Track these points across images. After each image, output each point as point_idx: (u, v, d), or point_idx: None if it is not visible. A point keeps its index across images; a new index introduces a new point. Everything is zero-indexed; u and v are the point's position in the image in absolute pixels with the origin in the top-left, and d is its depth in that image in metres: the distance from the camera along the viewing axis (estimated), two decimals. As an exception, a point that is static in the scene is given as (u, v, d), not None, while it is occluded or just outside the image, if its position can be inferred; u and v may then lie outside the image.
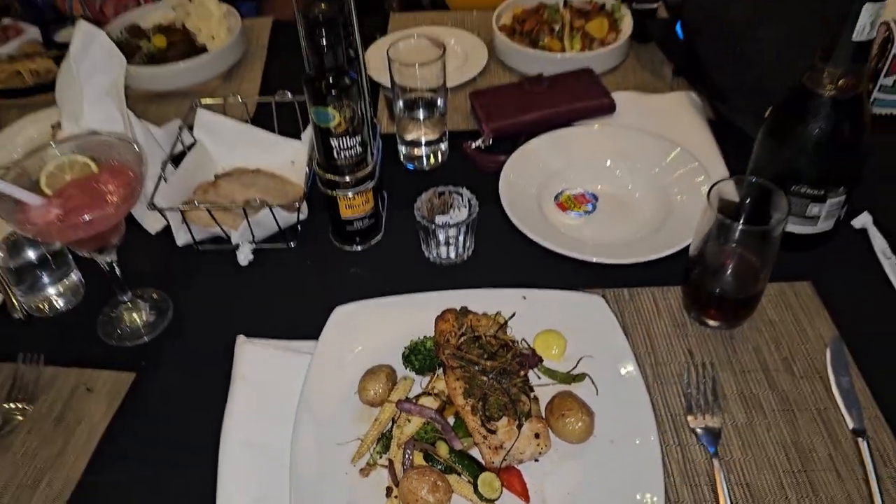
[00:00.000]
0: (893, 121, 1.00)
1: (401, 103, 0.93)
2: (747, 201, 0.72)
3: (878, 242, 0.83)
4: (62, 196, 0.68)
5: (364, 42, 1.17)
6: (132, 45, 1.12)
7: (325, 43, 0.71)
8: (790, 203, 0.69)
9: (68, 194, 0.68)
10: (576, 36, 1.12)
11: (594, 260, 0.80)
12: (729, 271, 0.72)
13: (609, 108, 1.00)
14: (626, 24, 1.13)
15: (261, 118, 1.00)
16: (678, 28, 1.09)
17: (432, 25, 1.24)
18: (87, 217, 0.67)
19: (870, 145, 0.76)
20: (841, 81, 0.71)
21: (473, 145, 0.98)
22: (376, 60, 1.11)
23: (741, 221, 0.67)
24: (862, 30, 0.68)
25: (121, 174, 0.70)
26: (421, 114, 0.93)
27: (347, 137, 0.77)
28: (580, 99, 1.00)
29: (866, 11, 0.67)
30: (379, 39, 1.20)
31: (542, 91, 1.02)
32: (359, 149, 0.78)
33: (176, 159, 0.91)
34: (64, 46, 1.17)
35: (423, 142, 0.96)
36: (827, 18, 0.71)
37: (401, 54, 0.90)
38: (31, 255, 0.79)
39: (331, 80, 0.73)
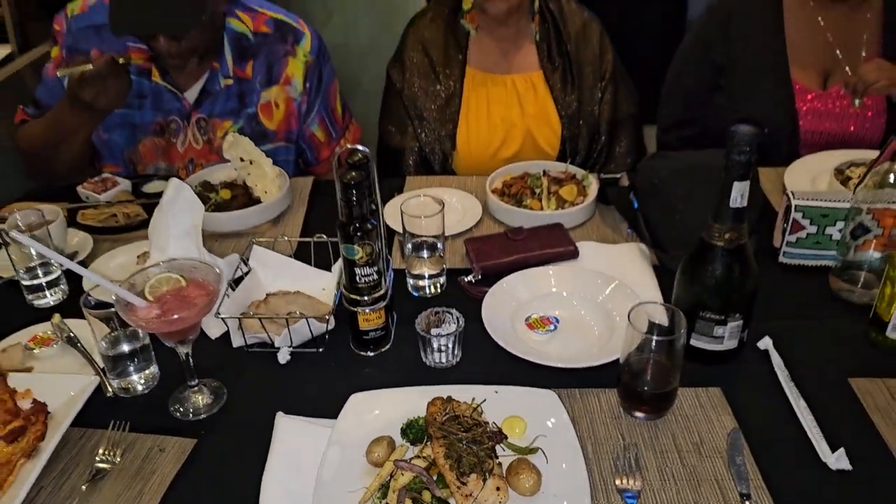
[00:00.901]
0: (799, 269, 1.26)
1: (409, 245, 1.21)
2: (661, 322, 0.96)
3: (776, 359, 1.06)
4: (160, 301, 0.95)
5: (385, 198, 1.47)
6: (204, 197, 1.42)
7: (354, 199, 1.00)
8: (686, 320, 0.93)
9: (164, 300, 0.95)
10: (552, 198, 1.42)
11: (552, 365, 1.04)
12: (649, 374, 0.95)
13: (573, 255, 1.27)
14: (592, 190, 1.43)
15: (301, 253, 1.29)
16: (633, 196, 1.39)
17: (440, 186, 1.55)
18: (176, 316, 0.93)
19: (756, 282, 1.01)
20: (727, 235, 0.98)
21: (466, 279, 1.24)
22: (394, 212, 1.40)
23: (654, 335, 0.91)
24: (735, 199, 0.95)
25: (202, 287, 0.97)
26: (425, 254, 1.21)
27: (367, 267, 1.04)
28: (551, 246, 1.27)
29: (736, 187, 0.95)
30: (397, 196, 1.50)
31: (522, 239, 1.30)
32: (375, 276, 1.05)
33: (235, 283, 1.18)
34: (149, 196, 1.49)
35: (426, 275, 1.23)
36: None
37: (410, 209, 1.19)
38: (125, 348, 1.04)
39: (357, 225, 1.01)
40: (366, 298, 1.06)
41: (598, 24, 1.78)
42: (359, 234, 1.01)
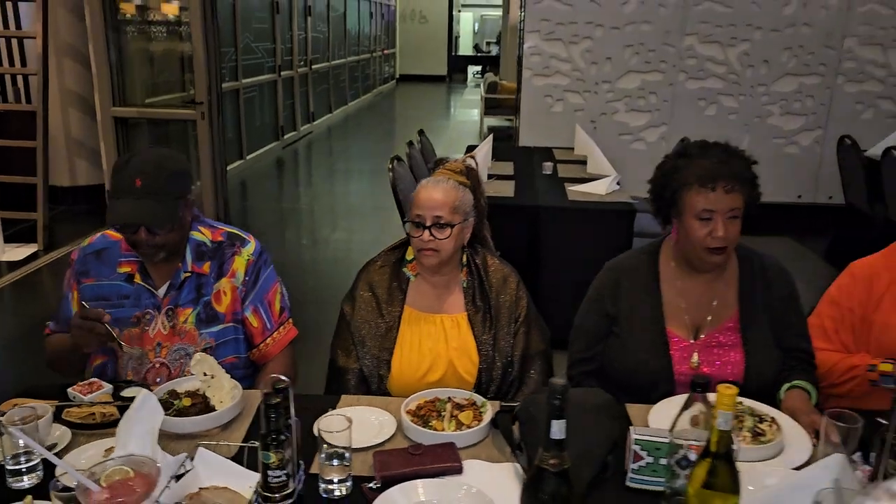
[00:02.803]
0: (644, 492, 1.53)
1: (323, 455, 1.50)
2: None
3: (600, 568, 1.30)
4: (111, 488, 1.23)
5: (320, 412, 1.77)
6: (169, 403, 1.74)
7: (273, 416, 1.32)
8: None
9: (114, 487, 1.24)
10: (452, 421, 1.72)
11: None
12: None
13: (458, 470, 1.56)
14: (487, 416, 1.74)
15: (240, 456, 1.58)
16: (515, 424, 1.69)
17: (368, 406, 1.86)
18: (120, 499, 1.21)
19: (578, 500, 1.29)
20: (551, 461, 1.28)
21: (368, 486, 1.52)
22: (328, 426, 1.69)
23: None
24: (555, 433, 1.26)
25: (146, 478, 1.26)
26: (335, 462, 1.50)
27: (278, 470, 1.33)
28: (440, 462, 1.56)
29: (554, 424, 1.26)
30: (330, 412, 1.80)
31: (419, 454, 1.59)
32: (284, 478, 1.34)
33: (180, 477, 1.46)
34: (125, 399, 1.81)
35: (336, 480, 1.50)
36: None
37: (324, 424, 1.50)
38: (78, 526, 1.30)
39: (273, 437, 1.32)
40: (276, 496, 1.34)
41: (515, 276, 2.19)
42: (274, 443, 1.32)
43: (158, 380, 2.03)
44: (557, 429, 1.26)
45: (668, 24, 6.19)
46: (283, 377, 1.36)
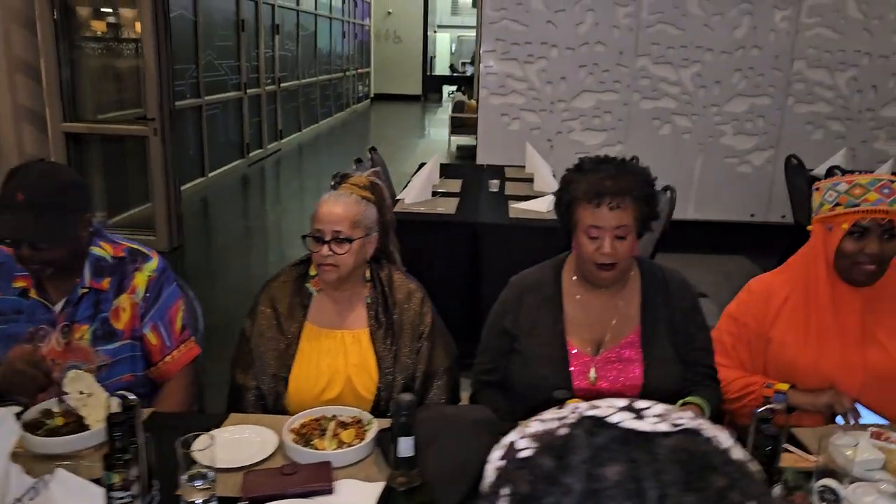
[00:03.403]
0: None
1: (185, 476, 1.46)
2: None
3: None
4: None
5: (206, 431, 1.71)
6: (41, 422, 1.69)
7: (117, 435, 1.27)
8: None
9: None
10: (334, 439, 1.68)
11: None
12: None
13: (328, 490, 1.52)
14: (370, 434, 1.70)
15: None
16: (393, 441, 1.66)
17: (256, 424, 1.81)
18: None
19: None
20: (399, 479, 1.24)
21: (236, 505, 1.48)
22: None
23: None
24: (402, 451, 1.23)
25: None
26: (197, 483, 1.45)
27: (122, 491, 1.28)
28: (309, 483, 1.53)
29: (401, 441, 1.23)
30: (213, 431, 1.76)
31: (290, 474, 1.55)
32: (129, 499, 1.29)
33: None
34: None
35: (198, 502, 1.46)
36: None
37: (198, 444, 1.45)
38: None
39: (116, 456, 1.27)
40: (121, 518, 1.29)
41: (421, 292, 2.16)
42: (118, 463, 1.28)
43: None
44: (405, 446, 1.23)
45: (622, 44, 6.25)
46: (131, 395, 1.32)
